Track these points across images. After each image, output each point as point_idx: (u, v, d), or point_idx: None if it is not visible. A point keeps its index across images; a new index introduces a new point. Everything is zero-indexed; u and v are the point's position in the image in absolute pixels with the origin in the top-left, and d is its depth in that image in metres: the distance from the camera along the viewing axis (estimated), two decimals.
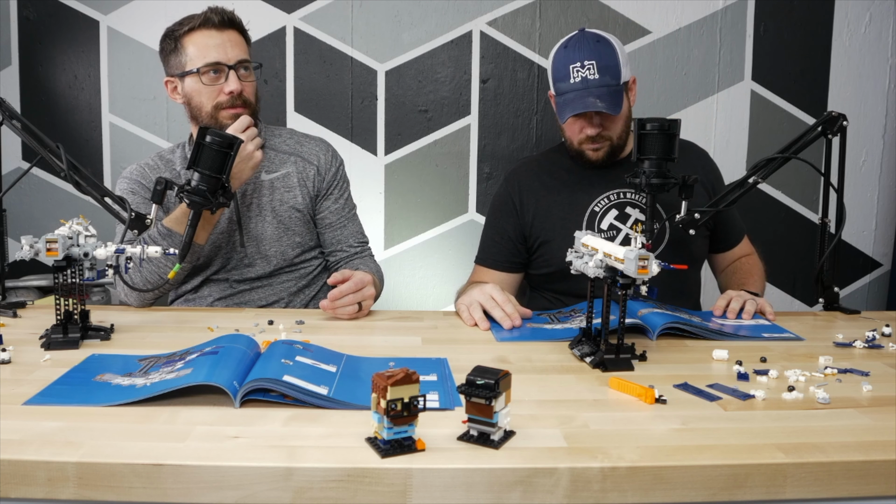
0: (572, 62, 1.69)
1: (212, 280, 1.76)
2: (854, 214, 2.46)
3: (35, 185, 2.39)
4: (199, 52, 1.65)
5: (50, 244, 1.23)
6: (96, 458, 0.83)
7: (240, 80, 1.67)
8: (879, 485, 0.86)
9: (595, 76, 1.68)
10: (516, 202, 1.84)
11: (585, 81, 1.68)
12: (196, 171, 1.45)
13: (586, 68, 1.68)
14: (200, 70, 1.65)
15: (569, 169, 1.84)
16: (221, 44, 1.66)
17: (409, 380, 0.83)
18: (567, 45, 1.73)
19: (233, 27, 1.69)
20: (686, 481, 0.84)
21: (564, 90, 1.71)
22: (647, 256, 1.11)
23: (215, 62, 1.65)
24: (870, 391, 1.09)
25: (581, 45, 1.71)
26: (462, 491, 0.83)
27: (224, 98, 1.66)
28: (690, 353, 1.30)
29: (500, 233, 1.86)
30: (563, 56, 1.73)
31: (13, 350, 1.21)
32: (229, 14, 1.69)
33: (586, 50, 1.70)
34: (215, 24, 1.66)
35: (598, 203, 1.78)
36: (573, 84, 1.69)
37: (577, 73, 1.69)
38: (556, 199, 1.81)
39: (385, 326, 1.51)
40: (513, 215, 1.84)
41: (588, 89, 1.68)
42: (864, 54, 2.43)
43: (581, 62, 1.68)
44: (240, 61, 1.68)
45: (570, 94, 1.69)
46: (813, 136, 1.62)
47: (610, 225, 1.76)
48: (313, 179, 1.79)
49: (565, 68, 1.70)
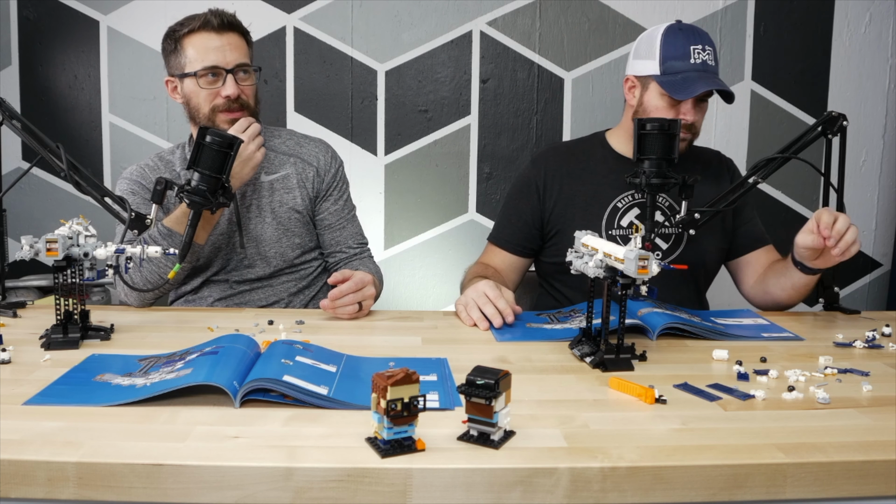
0: (693, 44, 1.65)
1: (212, 281, 1.76)
2: (854, 214, 2.44)
3: (35, 185, 2.39)
4: (198, 55, 1.65)
5: (50, 244, 1.23)
6: (96, 458, 0.83)
7: (238, 83, 1.66)
8: (879, 485, 0.86)
9: (713, 63, 1.66)
10: (540, 186, 1.80)
11: (705, 65, 1.65)
12: (196, 171, 1.45)
13: (707, 53, 1.65)
14: (198, 73, 1.65)
15: (599, 161, 1.80)
16: (220, 47, 1.65)
17: (409, 380, 0.83)
18: (681, 27, 1.69)
19: (233, 30, 1.68)
20: (686, 481, 0.84)
21: (682, 69, 1.65)
22: (647, 256, 1.11)
23: (213, 66, 1.65)
24: (870, 391, 1.09)
25: (696, 32, 1.68)
26: (462, 491, 0.83)
27: (221, 101, 1.66)
28: (690, 353, 1.30)
29: (518, 214, 1.81)
30: (680, 36, 1.67)
31: (13, 350, 1.21)
32: (229, 17, 1.68)
33: (705, 37, 1.67)
34: (214, 26, 1.65)
35: (622, 199, 1.74)
36: (694, 64, 1.65)
37: (698, 55, 1.65)
38: (580, 190, 1.77)
39: (385, 326, 1.50)
40: (534, 199, 1.80)
41: (708, 73, 1.65)
42: (864, 54, 2.43)
43: (702, 46, 1.65)
44: (238, 65, 1.67)
45: (693, 74, 1.64)
46: (813, 136, 1.62)
47: (630, 223, 1.73)
48: (312, 180, 1.79)
49: (685, 47, 1.65)
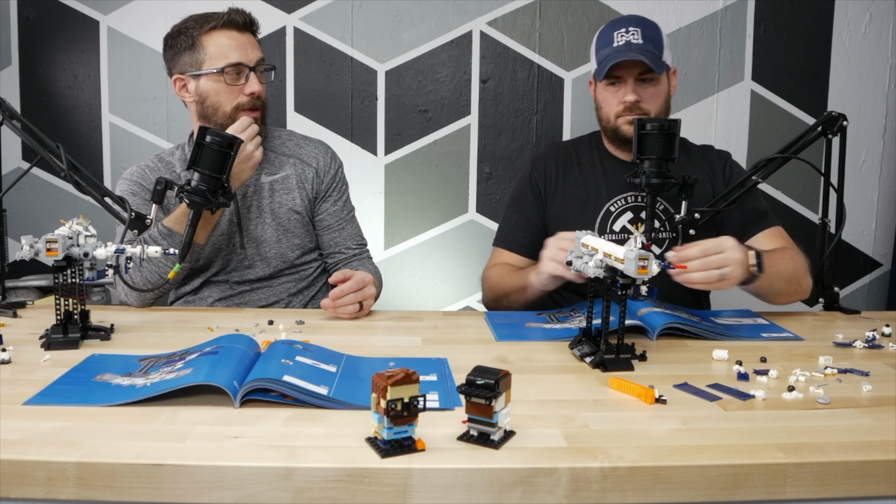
0: (616, 29, 1.66)
1: (212, 281, 1.76)
2: (854, 214, 2.46)
3: (35, 185, 2.39)
4: (221, 52, 1.65)
5: (50, 244, 1.23)
6: (96, 458, 0.83)
7: (259, 81, 1.68)
8: (879, 485, 0.86)
9: (640, 41, 1.64)
10: (540, 187, 1.79)
11: (629, 45, 1.64)
12: (196, 171, 1.45)
13: (630, 34, 1.64)
14: (224, 70, 1.65)
15: (592, 163, 1.79)
16: (243, 45, 1.67)
17: (409, 380, 0.83)
18: (612, 21, 1.71)
19: (251, 28, 1.71)
20: (686, 481, 0.84)
21: (606, 54, 1.65)
22: (647, 256, 1.11)
23: (238, 62, 1.65)
24: (870, 391, 1.09)
25: (627, 18, 1.71)
26: (462, 491, 0.83)
27: (245, 99, 1.67)
28: (690, 353, 1.30)
29: (525, 217, 1.80)
30: (606, 28, 1.69)
31: (13, 350, 1.21)
32: (250, 16, 1.70)
33: (632, 21, 1.68)
34: (238, 25, 1.67)
35: (615, 203, 1.73)
36: (617, 46, 1.64)
37: (620, 37, 1.64)
38: (574, 193, 1.77)
39: (385, 326, 1.50)
40: (538, 200, 1.79)
41: (630, 49, 1.63)
42: (864, 54, 2.43)
43: (626, 28, 1.65)
44: (259, 62, 1.69)
45: (613, 54, 1.64)
46: (813, 136, 1.62)
47: (623, 227, 1.72)
48: (312, 181, 1.79)
49: (608, 35, 1.66)
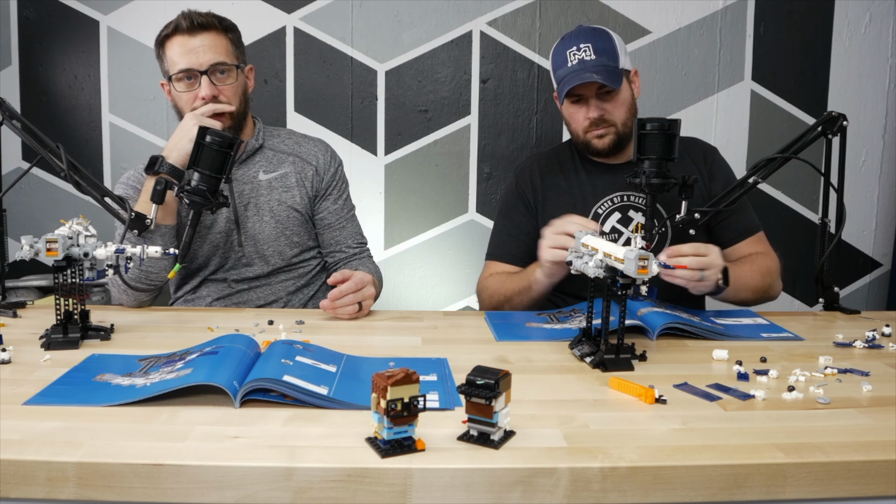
0: (568, 48, 1.70)
1: (210, 280, 1.75)
2: (854, 214, 2.46)
3: (35, 185, 2.39)
4: (173, 59, 1.64)
5: (50, 244, 1.23)
6: (96, 458, 0.83)
7: (214, 84, 1.64)
8: (879, 485, 0.86)
9: (592, 57, 1.68)
10: (528, 197, 1.82)
11: (583, 63, 1.68)
12: (196, 171, 1.45)
13: (582, 51, 1.68)
14: (173, 78, 1.65)
15: (575, 168, 1.82)
16: (192, 49, 1.62)
17: (409, 380, 0.83)
18: (563, 37, 1.75)
19: (208, 29, 1.64)
20: (686, 481, 0.84)
21: (563, 75, 1.70)
22: (647, 256, 1.11)
23: (186, 69, 1.63)
24: (870, 391, 1.09)
25: (577, 33, 1.73)
26: (462, 491, 0.83)
27: (199, 104, 1.64)
28: (690, 353, 1.30)
29: (518, 226, 1.82)
30: (560, 46, 1.73)
31: (13, 350, 1.21)
32: (201, 17, 1.64)
33: (582, 36, 1.71)
34: (184, 29, 1.63)
35: (602, 205, 1.76)
36: (571, 67, 1.69)
37: (573, 56, 1.69)
38: (561, 200, 1.79)
39: (385, 326, 1.50)
40: (528, 210, 1.82)
41: (584, 69, 1.67)
42: (864, 54, 2.43)
43: (577, 46, 1.69)
44: (213, 65, 1.64)
45: (569, 76, 1.68)
46: (813, 136, 1.62)
47: (612, 228, 1.74)
48: (312, 180, 1.79)
49: (562, 55, 1.71)
